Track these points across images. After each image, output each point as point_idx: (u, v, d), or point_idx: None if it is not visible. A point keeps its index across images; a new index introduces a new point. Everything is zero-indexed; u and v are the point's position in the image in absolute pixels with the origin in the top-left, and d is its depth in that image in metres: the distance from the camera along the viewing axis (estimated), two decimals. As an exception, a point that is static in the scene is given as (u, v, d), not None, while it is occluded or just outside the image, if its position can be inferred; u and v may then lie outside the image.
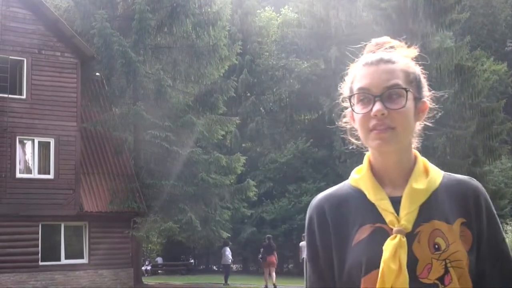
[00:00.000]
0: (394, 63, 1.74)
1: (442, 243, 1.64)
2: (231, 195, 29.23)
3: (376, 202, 1.72)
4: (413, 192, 1.70)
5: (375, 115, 1.66)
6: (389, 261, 1.61)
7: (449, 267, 1.62)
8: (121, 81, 25.92)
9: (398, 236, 1.64)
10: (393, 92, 1.69)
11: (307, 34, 41.59)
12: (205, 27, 27.27)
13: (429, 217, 1.67)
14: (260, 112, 43.40)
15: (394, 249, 1.62)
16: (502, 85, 59.21)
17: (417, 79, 1.78)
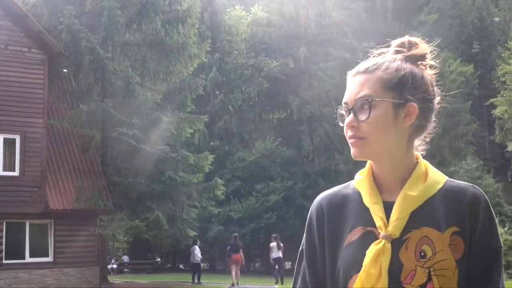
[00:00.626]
0: (372, 72, 1.75)
1: (429, 251, 1.64)
2: (199, 193, 29.16)
3: (369, 206, 1.73)
4: (405, 198, 1.70)
5: (346, 127, 1.72)
6: (370, 266, 1.63)
7: (432, 275, 1.62)
8: (89, 77, 25.69)
9: (383, 242, 1.64)
10: (360, 103, 1.71)
11: (277, 33, 41.70)
12: (174, 24, 27.16)
13: (420, 224, 1.67)
14: (228, 110, 43.39)
15: (376, 254, 1.63)
16: (468, 87, 59.91)
17: (402, 83, 1.77)
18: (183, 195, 27.51)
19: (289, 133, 41.79)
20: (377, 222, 1.70)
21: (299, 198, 37.89)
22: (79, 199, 23.16)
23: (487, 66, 65.70)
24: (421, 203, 1.70)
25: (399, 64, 1.80)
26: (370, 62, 1.79)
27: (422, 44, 1.93)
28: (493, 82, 56.39)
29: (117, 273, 36.56)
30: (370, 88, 1.72)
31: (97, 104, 25.00)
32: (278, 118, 46.00)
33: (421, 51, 1.91)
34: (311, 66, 39.91)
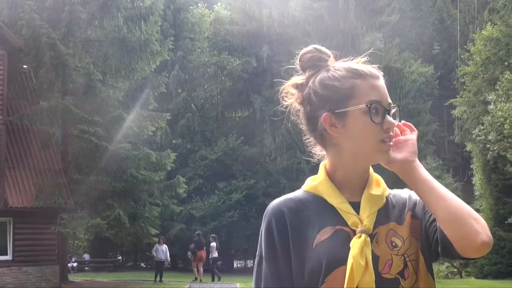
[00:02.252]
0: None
1: (398, 241, 1.75)
2: (161, 191, 29.07)
3: (337, 206, 1.79)
4: (371, 197, 1.80)
5: (388, 127, 1.75)
6: (358, 257, 1.67)
7: (407, 261, 1.73)
8: (50, 74, 25.35)
9: (363, 235, 1.71)
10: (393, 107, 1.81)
11: (240, 32, 41.72)
12: (137, 21, 27.01)
13: (384, 220, 1.78)
14: (191, 108, 43.30)
15: (361, 246, 1.69)
16: (428, 87, 60.69)
17: None
18: (145, 193, 27.39)
19: (251, 131, 41.87)
20: (349, 220, 1.76)
21: (261, 197, 37.98)
22: (39, 196, 22.87)
23: (447, 67, 66.62)
24: (384, 202, 1.82)
25: None
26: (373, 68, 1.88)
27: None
28: (453, 83, 57.21)
29: (77, 271, 36.20)
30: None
31: (58, 101, 24.70)
32: (240, 116, 46.06)
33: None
34: (273, 65, 40.01)
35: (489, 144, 35.47)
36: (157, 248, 28.20)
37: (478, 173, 40.30)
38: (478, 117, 40.82)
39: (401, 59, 40.68)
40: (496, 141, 34.56)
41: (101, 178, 24.73)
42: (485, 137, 36.01)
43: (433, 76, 62.64)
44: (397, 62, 38.82)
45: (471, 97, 44.02)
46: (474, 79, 43.10)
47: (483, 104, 39.69)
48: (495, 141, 34.67)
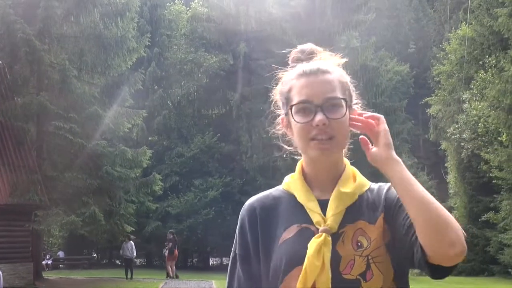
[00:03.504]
0: (331, 74, 1.80)
1: (364, 241, 1.72)
2: (136, 188, 28.98)
3: (304, 204, 1.80)
4: (340, 195, 1.78)
5: (317, 125, 1.72)
6: (313, 258, 1.68)
7: (371, 263, 1.70)
8: (25, 70, 25.11)
9: (324, 235, 1.71)
10: (333, 102, 1.75)
11: (216, 29, 41.65)
12: (113, 17, 26.86)
13: (354, 218, 1.76)
14: (167, 105, 43.16)
15: (319, 246, 1.69)
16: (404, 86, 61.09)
17: (349, 88, 1.86)
18: (121, 190, 27.29)
19: (228, 129, 41.83)
20: (314, 218, 1.76)
21: (237, 194, 38.01)
22: (13, 193, 22.65)
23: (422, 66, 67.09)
24: (354, 199, 1.79)
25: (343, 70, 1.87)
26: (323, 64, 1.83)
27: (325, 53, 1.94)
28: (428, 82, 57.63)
29: (52, 269, 35.92)
30: (337, 89, 1.79)
31: (33, 97, 24.48)
32: (217, 114, 45.98)
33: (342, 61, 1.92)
34: (250, 62, 40.04)
35: (463, 143, 35.84)
36: (123, 246, 28.24)
37: (453, 171, 40.68)
38: (453, 116, 41.19)
39: (377, 58, 40.94)
40: (470, 139, 34.92)
41: (77, 175, 24.55)
42: (459, 136, 36.38)
43: (408, 74, 63.07)
44: (373, 60, 39.03)
45: (446, 96, 44.40)
46: (449, 78, 43.47)
47: (458, 103, 40.07)
48: (469, 139, 35.03)
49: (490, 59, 31.94)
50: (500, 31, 29.72)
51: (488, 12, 34.99)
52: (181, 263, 44.65)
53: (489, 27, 34.25)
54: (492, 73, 30.84)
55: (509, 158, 27.92)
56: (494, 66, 31.05)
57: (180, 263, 44.68)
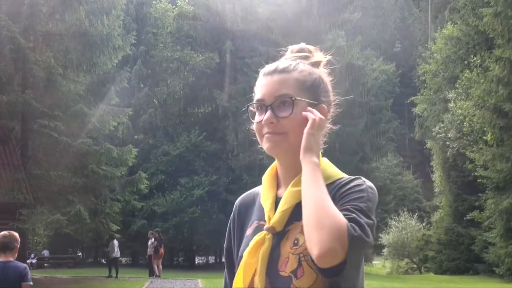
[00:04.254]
0: (289, 72, 1.85)
1: (301, 239, 1.72)
2: (122, 187, 28.89)
3: (262, 201, 1.88)
4: (289, 193, 1.81)
5: (265, 123, 1.80)
6: (249, 256, 1.76)
7: (302, 260, 1.71)
8: (9, 67, 24.95)
9: (264, 233, 1.78)
10: (281, 101, 1.81)
11: (203, 27, 41.61)
12: (98, 15, 26.75)
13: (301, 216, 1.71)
14: (153, 103, 43.08)
15: (257, 245, 1.77)
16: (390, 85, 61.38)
17: (315, 86, 1.87)
18: (106, 188, 27.19)
19: (214, 127, 41.78)
20: (266, 216, 1.83)
21: (224, 193, 37.97)
22: (-3, 192, 22.53)
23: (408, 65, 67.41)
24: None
25: (310, 68, 1.89)
26: (285, 63, 1.88)
27: (318, 52, 1.99)
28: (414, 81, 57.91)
29: (37, 268, 35.73)
30: (290, 88, 1.82)
31: (18, 95, 24.33)
32: (203, 112, 45.90)
33: (322, 59, 1.97)
34: (236, 60, 40.00)
35: (448, 142, 36.02)
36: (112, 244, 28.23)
37: (438, 170, 40.88)
38: (438, 115, 41.39)
39: (363, 57, 41.10)
40: (455, 138, 35.10)
41: (62, 173, 24.44)
42: (445, 135, 36.56)
43: (394, 73, 63.38)
44: (359, 59, 39.16)
45: (431, 95, 44.62)
46: (434, 77, 43.68)
47: (443, 102, 40.28)
48: (454, 138, 35.20)
49: (475, 58, 32.13)
50: (485, 30, 29.87)
51: (473, 11, 35.19)
52: (167, 262, 44.56)
53: (474, 27, 34.43)
54: (477, 72, 31.03)
55: (494, 157, 28.09)
56: (479, 65, 31.24)
57: (166, 262, 44.60)
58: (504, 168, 27.80)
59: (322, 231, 1.57)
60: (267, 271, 1.74)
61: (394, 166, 63.52)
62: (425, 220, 44.08)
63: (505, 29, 27.66)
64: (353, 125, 36.52)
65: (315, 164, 1.73)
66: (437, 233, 38.78)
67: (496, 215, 29.44)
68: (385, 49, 66.57)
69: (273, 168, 1.95)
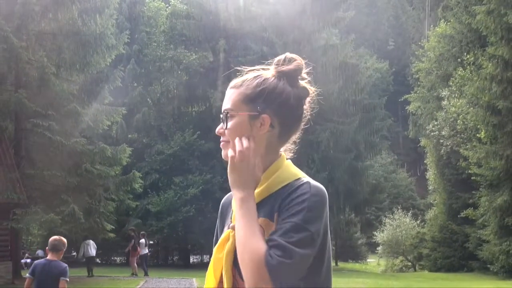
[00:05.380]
0: (238, 87, 2.04)
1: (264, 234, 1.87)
2: (116, 186, 28.86)
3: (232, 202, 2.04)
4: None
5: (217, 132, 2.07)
6: (216, 251, 1.98)
7: None
8: (2, 67, 24.86)
9: (228, 231, 1.98)
10: (223, 115, 2.05)
11: (196, 26, 41.56)
12: (91, 14, 26.70)
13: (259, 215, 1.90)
14: (147, 103, 43.01)
15: (223, 241, 1.97)
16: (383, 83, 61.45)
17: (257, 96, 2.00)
18: (100, 188, 27.16)
19: (208, 126, 41.70)
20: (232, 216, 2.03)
21: (218, 192, 37.93)
22: (-9, 192, 22.46)
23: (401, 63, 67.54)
24: (262, 198, 1.97)
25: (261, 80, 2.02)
26: (240, 79, 2.06)
27: (298, 60, 2.06)
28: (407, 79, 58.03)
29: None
30: (231, 102, 2.03)
31: (11, 94, 24.27)
32: (197, 111, 45.85)
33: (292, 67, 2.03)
34: (230, 59, 39.97)
35: (442, 140, 36.08)
36: (83, 245, 28.46)
37: (432, 168, 40.96)
38: (432, 113, 41.46)
39: (357, 55, 41.11)
40: (449, 136, 35.16)
41: (55, 172, 24.39)
42: (438, 133, 36.62)
43: (388, 72, 63.45)
44: (352, 57, 39.16)
45: (425, 93, 44.70)
46: (428, 75, 43.75)
47: (437, 100, 40.33)
48: (448, 136, 35.27)
49: (468, 56, 32.20)
50: (478, 28, 29.95)
51: (466, 9, 35.26)
52: (161, 261, 44.58)
53: (467, 25, 34.51)
54: (470, 70, 31.10)
55: (487, 154, 28.16)
56: (472, 63, 31.31)
57: (160, 261, 44.62)
58: (497, 166, 27.87)
59: (245, 269, 1.78)
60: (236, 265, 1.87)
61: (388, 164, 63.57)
62: (419, 218, 44.19)
63: (498, 27, 27.72)
64: (347, 123, 36.56)
65: (241, 200, 1.89)
66: (432, 230, 38.86)
67: (490, 213, 29.52)
68: (378, 47, 66.66)
69: None
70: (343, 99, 37.67)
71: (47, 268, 7.60)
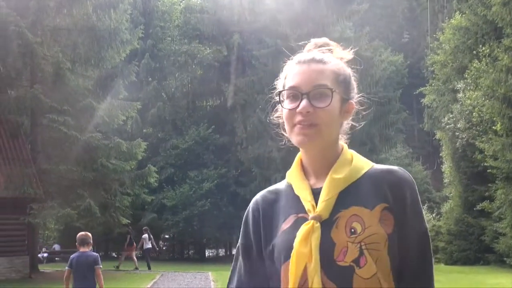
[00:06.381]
0: (325, 64, 1.82)
1: (358, 227, 1.71)
2: (132, 181, 28.96)
3: (298, 193, 1.82)
4: (332, 181, 1.78)
5: (300, 112, 1.75)
6: (300, 245, 1.70)
7: (364, 249, 1.68)
8: (18, 63, 25.03)
9: (312, 222, 1.72)
10: (320, 91, 1.77)
11: (210, 20, 41.56)
12: (106, 9, 26.77)
13: (349, 204, 1.75)
14: (161, 97, 43.09)
15: (306, 233, 1.70)
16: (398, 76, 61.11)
17: (346, 81, 1.87)
18: (116, 182, 27.27)
19: (222, 120, 41.79)
20: (306, 206, 1.77)
21: (233, 185, 38.03)
22: (8, 186, 22.62)
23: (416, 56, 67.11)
24: (347, 184, 1.78)
25: (341, 63, 1.89)
26: (320, 54, 1.86)
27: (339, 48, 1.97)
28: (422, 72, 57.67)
29: (48, 262, 35.92)
30: (328, 79, 1.80)
31: (26, 90, 24.42)
32: (211, 105, 45.92)
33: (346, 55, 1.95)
34: (244, 53, 39.97)
35: (458, 132, 35.85)
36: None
37: (448, 161, 40.72)
38: (447, 106, 41.21)
39: (371, 48, 40.89)
40: (465, 129, 34.94)
41: (71, 167, 24.53)
42: (454, 125, 36.39)
43: (403, 64, 63.07)
44: (367, 50, 38.97)
45: (440, 85, 44.43)
46: (443, 67, 43.46)
47: (452, 93, 40.07)
48: (464, 129, 35.05)
49: (484, 48, 31.93)
50: (494, 20, 29.70)
51: (481, 1, 34.95)
52: (177, 255, 44.72)
53: (482, 16, 34.23)
54: (486, 62, 30.84)
55: (503, 147, 27.96)
56: (488, 55, 31.04)
57: (176, 255, 44.77)
58: (514, 158, 27.67)
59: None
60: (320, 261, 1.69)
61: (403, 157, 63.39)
62: (435, 211, 43.98)
63: (514, 18, 27.48)
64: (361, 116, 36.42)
65: None
66: (447, 223, 38.67)
67: (506, 205, 29.33)
68: (393, 40, 66.31)
69: (299, 161, 1.91)
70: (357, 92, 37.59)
71: (81, 259, 8.82)
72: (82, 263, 8.82)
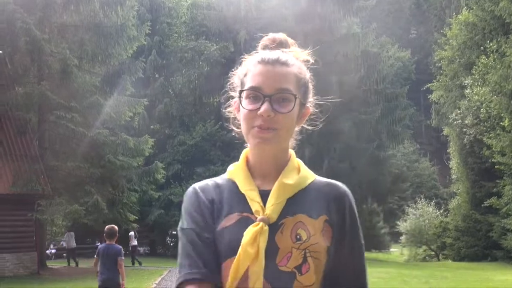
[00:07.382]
0: (289, 66, 1.77)
1: (304, 234, 1.69)
2: (139, 177, 29.01)
3: (245, 192, 1.78)
4: (282, 186, 1.75)
5: (261, 114, 1.71)
6: (248, 246, 1.65)
7: (308, 256, 1.68)
8: (25, 59, 25.10)
9: (261, 224, 1.68)
10: (283, 95, 1.73)
11: (217, 17, 41.54)
12: (113, 6, 26.79)
13: (294, 211, 1.72)
14: (168, 93, 43.14)
15: (255, 235, 1.66)
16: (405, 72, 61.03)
17: (306, 85, 1.82)
18: (123, 179, 27.32)
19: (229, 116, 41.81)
20: (253, 207, 1.74)
21: (240, 182, 38.03)
22: (16, 183, 22.70)
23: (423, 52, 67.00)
24: (295, 191, 1.76)
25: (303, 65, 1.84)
26: (285, 56, 1.80)
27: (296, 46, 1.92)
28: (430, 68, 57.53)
29: (56, 258, 36.04)
30: (291, 83, 1.75)
31: (34, 86, 24.48)
32: (218, 101, 45.88)
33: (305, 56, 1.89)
34: (251, 49, 39.43)
35: (465, 128, 35.78)
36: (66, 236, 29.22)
37: (455, 157, 40.64)
38: (454, 101, 41.11)
39: (379, 44, 40.89)
40: (472, 125, 34.86)
41: (79, 164, 24.58)
42: (461, 121, 36.32)
43: (410, 60, 62.99)
44: (374, 46, 38.97)
45: (447, 81, 44.31)
46: (450, 63, 43.36)
47: (460, 89, 39.98)
48: (471, 125, 34.97)
49: (491, 44, 31.84)
50: (501, 15, 29.63)
51: (489, -3, 34.84)
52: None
53: (490, 12, 34.15)
54: (493, 58, 30.75)
55: (511, 143, 27.89)
56: (495, 51, 30.95)
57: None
58: (522, 154, 27.60)
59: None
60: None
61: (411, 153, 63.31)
62: (443, 207, 43.93)
63: (521, 14, 27.39)
64: (369, 112, 36.40)
65: None
66: (455, 220, 38.63)
67: (514, 201, 29.28)
68: (400, 36, 66.18)
69: (245, 159, 1.88)
70: (364, 89, 37.52)
71: (107, 250, 9.94)
72: (107, 254, 9.90)
